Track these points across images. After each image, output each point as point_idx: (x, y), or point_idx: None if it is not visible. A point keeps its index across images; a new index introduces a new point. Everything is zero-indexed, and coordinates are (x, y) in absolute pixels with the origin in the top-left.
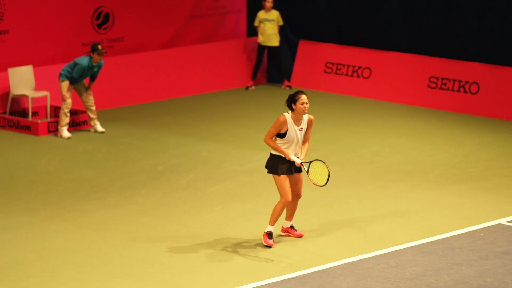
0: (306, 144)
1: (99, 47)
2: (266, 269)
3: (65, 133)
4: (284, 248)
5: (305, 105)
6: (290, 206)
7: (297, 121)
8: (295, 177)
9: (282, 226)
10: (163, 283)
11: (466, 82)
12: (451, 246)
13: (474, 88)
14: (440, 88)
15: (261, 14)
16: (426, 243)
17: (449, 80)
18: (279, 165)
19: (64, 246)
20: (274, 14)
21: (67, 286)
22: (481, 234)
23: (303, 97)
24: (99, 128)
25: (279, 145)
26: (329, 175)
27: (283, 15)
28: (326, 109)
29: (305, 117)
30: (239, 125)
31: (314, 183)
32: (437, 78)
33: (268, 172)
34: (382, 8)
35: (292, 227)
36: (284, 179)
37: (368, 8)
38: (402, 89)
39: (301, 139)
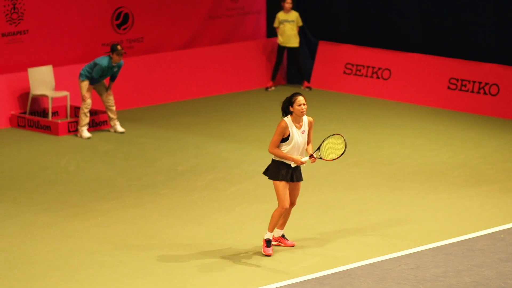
0: (310, 146)
1: (119, 47)
2: (285, 270)
3: (85, 133)
4: (303, 249)
5: (303, 106)
6: (284, 216)
7: (298, 123)
8: (293, 185)
9: (273, 235)
10: (182, 284)
11: (486, 84)
12: (471, 248)
13: (494, 89)
14: (460, 90)
15: (281, 15)
16: (446, 244)
17: (469, 81)
18: (280, 171)
19: (82, 246)
20: (294, 15)
21: (85, 286)
22: (502, 235)
23: (300, 98)
24: (119, 128)
25: (284, 151)
26: (345, 142)
27: (302, 16)
28: (345, 110)
29: (305, 119)
30: (259, 126)
31: (334, 159)
32: (457, 80)
33: (269, 178)
34: (401, 9)
35: (283, 236)
36: (284, 186)
37: (387, 9)
38: (422, 91)
39: (305, 142)
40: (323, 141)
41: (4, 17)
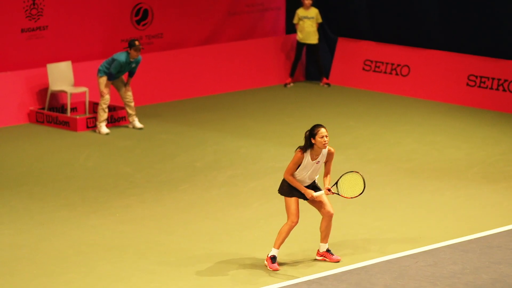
0: (328, 177)
1: (136, 43)
2: (303, 266)
3: (104, 129)
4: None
5: (325, 139)
6: (323, 227)
7: (316, 155)
8: (314, 200)
9: (318, 250)
10: (199, 280)
11: (506, 81)
12: (490, 245)
13: None
14: (479, 86)
15: (300, 12)
16: (464, 241)
17: (488, 78)
18: (291, 190)
19: (102, 241)
20: (313, 12)
21: (104, 282)
22: None
23: (322, 130)
24: (138, 124)
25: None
26: (363, 181)
27: (322, 12)
28: (364, 107)
29: (324, 151)
30: (277, 122)
31: (352, 197)
32: (476, 76)
33: (281, 194)
34: (421, 5)
35: (328, 250)
36: (295, 201)
37: (406, 5)
38: (441, 87)
39: (317, 170)
40: (340, 177)
41: (24, 12)
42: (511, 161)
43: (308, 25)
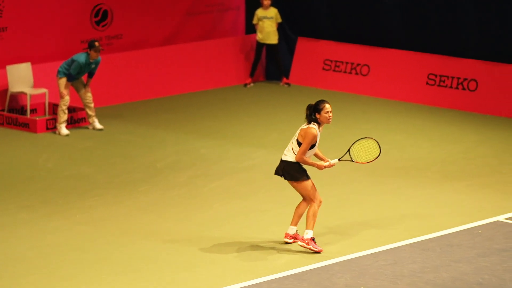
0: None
1: (96, 43)
2: (264, 266)
3: (64, 130)
4: (282, 245)
5: (330, 114)
6: (300, 211)
7: (320, 131)
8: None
9: (288, 233)
10: (162, 280)
11: (465, 79)
12: (449, 243)
13: (472, 85)
14: (439, 85)
15: (260, 12)
16: (424, 240)
17: (447, 77)
18: (304, 171)
19: (63, 243)
20: (273, 12)
21: (66, 283)
22: (479, 231)
23: (327, 106)
24: (98, 125)
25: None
26: (378, 145)
27: (281, 12)
28: None
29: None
30: (238, 123)
31: (369, 162)
32: (436, 75)
33: (298, 181)
34: (380, 5)
35: (298, 232)
36: (310, 182)
37: (366, 5)
38: (401, 86)
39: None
40: (353, 144)
41: None
42: (471, 159)
43: (268, 25)
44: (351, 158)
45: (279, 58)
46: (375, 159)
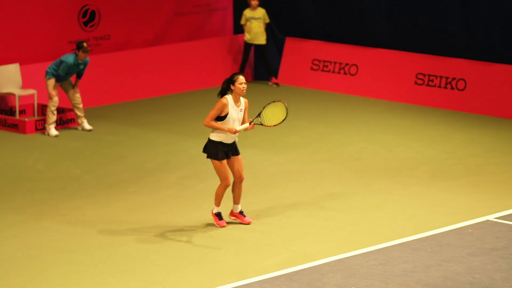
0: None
1: (84, 44)
2: (255, 267)
3: (53, 131)
4: (272, 246)
5: (244, 85)
6: (236, 190)
7: (237, 102)
8: (233, 159)
9: (232, 211)
10: (151, 281)
11: (453, 79)
12: (440, 243)
13: (461, 84)
14: (427, 85)
15: (247, 12)
16: (415, 239)
17: (436, 76)
18: (219, 150)
19: (52, 244)
20: (260, 12)
21: (54, 285)
22: (470, 230)
23: (241, 78)
24: (87, 126)
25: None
26: (286, 108)
27: (269, 12)
28: (312, 106)
29: (242, 99)
30: None
31: (275, 125)
32: (424, 75)
33: (208, 157)
34: (369, 5)
35: (241, 212)
36: (223, 164)
37: (354, 4)
38: (389, 86)
39: (241, 120)
40: (264, 108)
41: None
42: (459, 159)
43: (256, 25)
44: (260, 122)
45: (267, 59)
46: (282, 121)
